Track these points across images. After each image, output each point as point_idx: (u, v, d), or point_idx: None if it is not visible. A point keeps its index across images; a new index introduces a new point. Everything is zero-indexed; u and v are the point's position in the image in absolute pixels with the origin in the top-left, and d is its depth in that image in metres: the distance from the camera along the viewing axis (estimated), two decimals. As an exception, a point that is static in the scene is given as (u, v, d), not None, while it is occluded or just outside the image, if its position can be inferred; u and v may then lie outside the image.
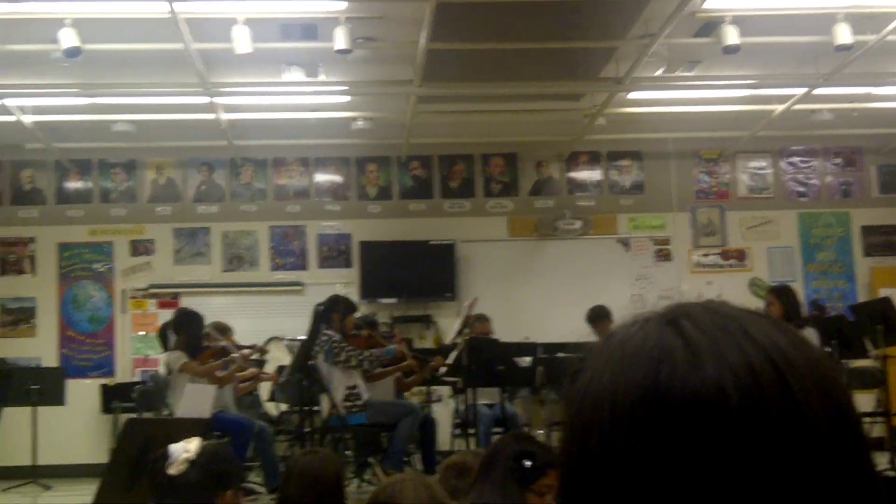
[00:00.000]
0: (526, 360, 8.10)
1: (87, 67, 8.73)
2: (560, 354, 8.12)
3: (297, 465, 3.83)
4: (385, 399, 8.25)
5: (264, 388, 9.57)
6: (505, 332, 9.00)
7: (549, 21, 8.12)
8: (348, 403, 7.80)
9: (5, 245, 11.57)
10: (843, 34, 7.84)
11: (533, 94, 10.16)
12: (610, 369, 0.78)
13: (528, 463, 3.31)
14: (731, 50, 7.99)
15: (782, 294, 7.84)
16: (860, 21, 7.94)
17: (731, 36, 7.89)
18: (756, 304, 11.29)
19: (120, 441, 5.93)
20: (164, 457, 3.39)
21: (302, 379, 8.04)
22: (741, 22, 7.99)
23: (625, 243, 11.90)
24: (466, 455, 4.42)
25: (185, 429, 5.11)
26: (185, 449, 3.39)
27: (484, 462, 3.57)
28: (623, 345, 0.79)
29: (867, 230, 12.09)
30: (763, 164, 12.26)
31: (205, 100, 9.69)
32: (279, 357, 9.70)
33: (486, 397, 8.58)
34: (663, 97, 10.41)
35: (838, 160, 12.29)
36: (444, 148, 11.90)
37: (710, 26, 8.34)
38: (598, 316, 9.06)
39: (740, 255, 12.03)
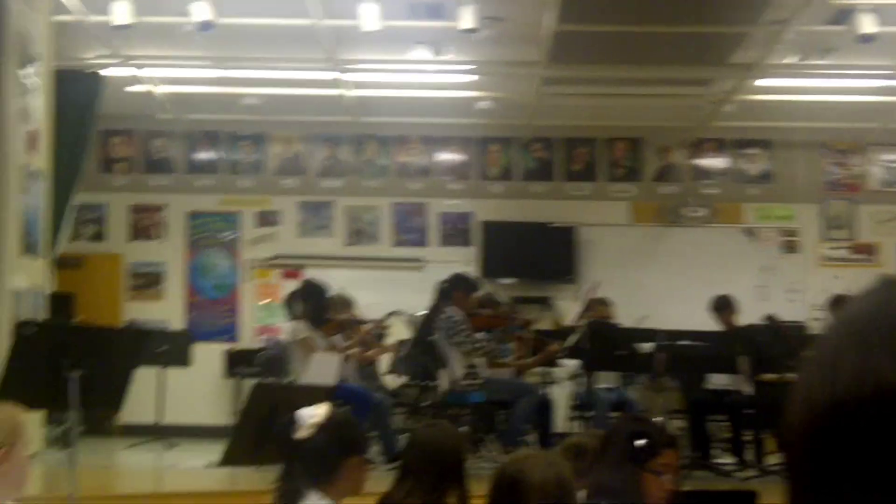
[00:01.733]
0: (647, 347, 8.04)
1: (218, 41, 8.93)
2: (681, 342, 8.02)
3: (420, 437, 3.88)
4: (504, 378, 8.29)
5: (384, 361, 9.69)
6: (625, 318, 8.93)
7: (678, 5, 8.03)
8: (467, 381, 7.86)
9: (137, 211, 11.94)
10: None
11: (660, 79, 10.04)
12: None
13: (641, 442, 3.33)
14: (867, 39, 7.78)
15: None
16: None
17: (867, 24, 7.69)
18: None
19: (248, 404, 6.08)
20: (292, 421, 3.47)
21: (421, 354, 8.12)
22: (878, 10, 7.76)
23: (750, 233, 11.69)
24: (584, 436, 4.44)
25: (310, 395, 5.21)
26: (314, 414, 3.47)
27: (602, 443, 3.60)
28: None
29: None
30: (896, 156, 11.89)
31: (332, 75, 9.83)
32: (399, 331, 9.82)
33: (605, 381, 8.55)
34: (794, 85, 10.19)
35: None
36: (568, 131, 11.85)
37: (845, 14, 8.12)
38: (722, 305, 8.91)
39: (870, 250, 11.70)
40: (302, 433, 3.41)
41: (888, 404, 0.69)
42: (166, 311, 11.64)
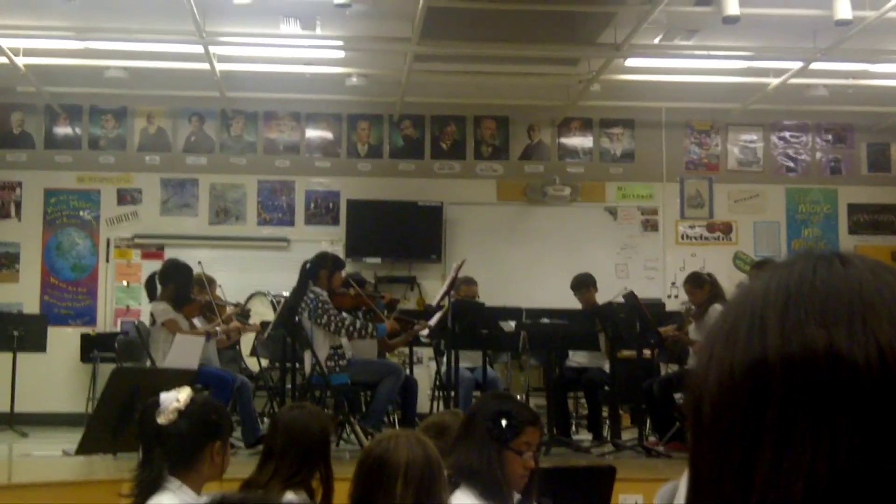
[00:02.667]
0: (510, 325, 8.12)
1: (82, 11, 8.64)
2: (544, 320, 8.14)
3: (284, 419, 3.84)
4: (367, 358, 8.26)
5: (246, 343, 9.57)
6: (490, 296, 9.00)
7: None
8: (331, 362, 7.81)
9: (-9, 188, 11.51)
10: (843, 9, 7.80)
11: (530, 57, 10.11)
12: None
13: (504, 422, 3.35)
14: (731, 20, 7.94)
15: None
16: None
17: (732, 6, 7.85)
18: (739, 277, 11.37)
19: (106, 389, 5.94)
20: (154, 405, 3.40)
21: (285, 335, 8.03)
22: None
23: (612, 212, 11.92)
24: (445, 415, 4.45)
25: (172, 379, 5.12)
26: (176, 398, 3.40)
27: (464, 422, 3.61)
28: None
29: (854, 208, 12.12)
30: (754, 137, 12.26)
31: (199, 49, 9.61)
32: (262, 312, 9.71)
33: (468, 360, 8.59)
34: (659, 65, 10.37)
35: (829, 137, 12.31)
36: (437, 108, 11.87)
37: (711, -6, 8.30)
38: (582, 283, 9.08)
39: (726, 229, 12.06)
40: (164, 418, 3.35)
41: (813, 365, 0.74)
42: (22, 293, 11.25)
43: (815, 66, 9.78)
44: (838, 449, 0.73)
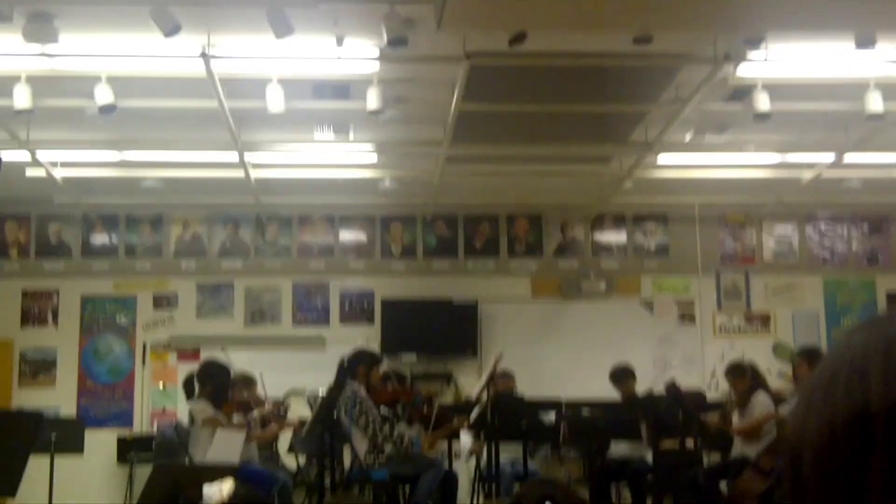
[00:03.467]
0: (550, 417, 8.05)
1: (119, 123, 8.81)
2: (584, 412, 8.07)
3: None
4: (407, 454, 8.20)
5: (283, 440, 9.53)
6: (528, 392, 8.96)
7: (581, 85, 8.17)
8: (371, 457, 7.75)
9: (30, 297, 11.64)
10: (875, 102, 7.86)
11: (561, 157, 10.21)
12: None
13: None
14: (762, 117, 7.99)
15: (812, 356, 7.81)
16: (892, 89, 7.96)
17: (763, 102, 7.90)
18: (778, 367, 11.25)
19: (148, 485, 5.90)
20: (198, 498, 3.39)
21: (323, 431, 7.99)
22: (773, 88, 8.01)
23: (649, 305, 11.89)
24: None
25: (213, 474, 5.09)
26: (219, 490, 3.39)
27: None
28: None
29: (893, 297, 12.05)
30: (789, 229, 12.27)
31: (234, 157, 9.76)
32: (299, 410, 9.68)
33: (507, 454, 8.51)
34: (691, 162, 10.42)
35: (865, 226, 12.30)
36: (470, 208, 11.97)
37: (742, 92, 8.35)
38: (621, 374, 9.03)
39: (764, 320, 11.99)
40: (208, 509, 3.33)
41: None
42: (58, 397, 11.30)
43: (848, 157, 9.80)
44: None
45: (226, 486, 3.41)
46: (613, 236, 12.19)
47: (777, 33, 7.07)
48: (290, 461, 9.61)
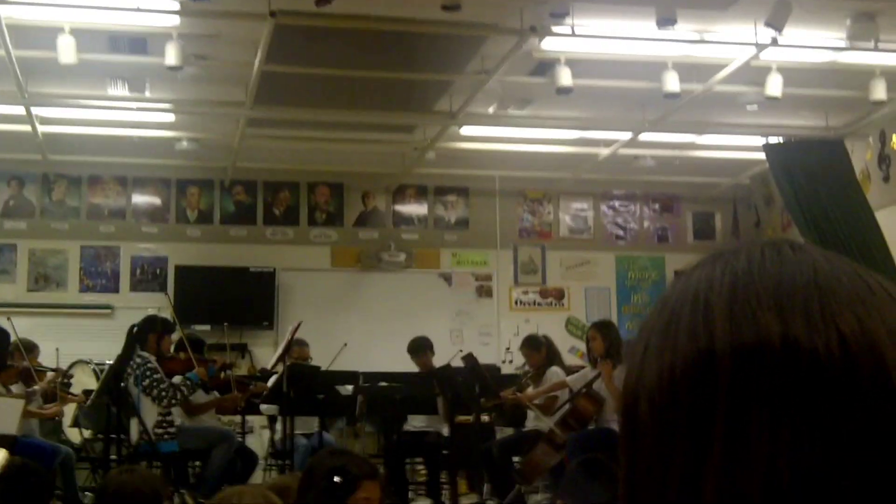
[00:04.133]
0: (347, 389, 7.97)
1: None
2: (381, 384, 8.02)
3: (113, 483, 3.61)
4: (198, 426, 7.96)
5: (67, 413, 9.08)
6: (325, 363, 8.80)
7: (387, 51, 8.09)
8: (160, 430, 7.47)
9: None
10: (672, 82, 8.08)
11: (365, 124, 10.10)
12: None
13: (337, 478, 3.24)
14: (564, 91, 8.10)
15: (605, 329, 7.98)
16: (688, 70, 8.21)
17: (565, 77, 8.01)
18: (572, 342, 11.53)
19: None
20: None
21: (110, 403, 7.65)
22: (575, 64, 8.13)
23: (447, 278, 11.95)
24: (286, 477, 4.30)
25: (-15, 445, 4.75)
26: (-9, 461, 3.15)
27: (300, 482, 3.48)
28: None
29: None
30: (584, 206, 12.56)
31: (21, 110, 9.21)
32: (85, 381, 9.25)
33: (303, 427, 8.38)
34: (493, 134, 10.51)
35: (656, 206, 12.72)
36: (271, 174, 11.70)
37: (545, 66, 8.46)
38: (419, 347, 9.03)
39: (559, 294, 12.25)
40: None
41: (768, 354, 0.68)
42: None
43: (643, 137, 10.08)
44: (800, 443, 0.66)
45: (-1, 458, 3.16)
46: (415, 208, 12.18)
47: (582, 7, 7.16)
48: (74, 435, 9.16)
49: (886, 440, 0.66)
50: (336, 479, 3.27)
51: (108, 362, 8.12)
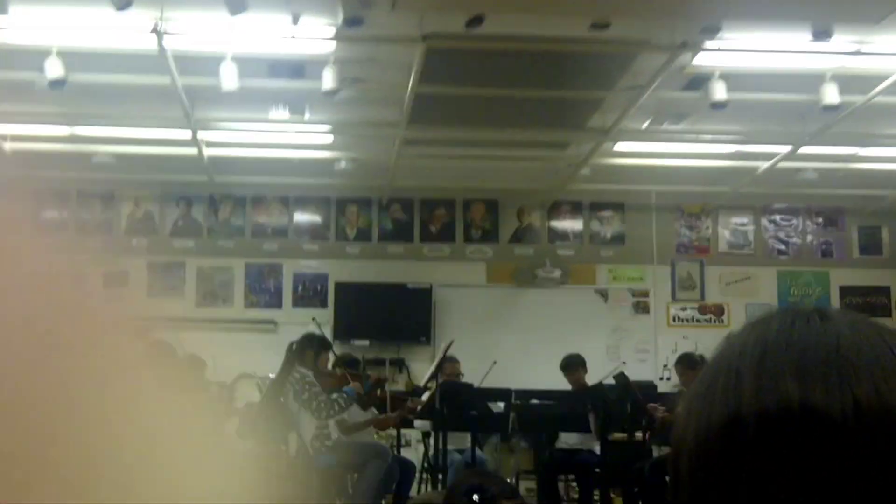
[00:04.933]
0: (499, 406, 8.00)
1: (71, 97, 8.62)
2: (533, 401, 8.02)
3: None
4: (360, 437, 8.13)
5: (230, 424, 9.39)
6: (479, 379, 8.85)
7: (538, 69, 8.10)
8: (317, 443, 7.66)
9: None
10: (831, 94, 7.84)
11: (519, 141, 10.13)
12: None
13: (476, 497, 3.25)
14: (719, 105, 7.97)
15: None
16: (848, 81, 7.95)
17: (719, 91, 7.88)
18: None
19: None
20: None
21: (270, 416, 7.89)
22: (730, 78, 7.98)
23: (603, 294, 11.86)
24: (431, 495, 4.33)
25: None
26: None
27: (444, 499, 3.51)
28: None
29: (845, 290, 12.10)
30: (744, 220, 12.27)
31: (187, 134, 9.61)
32: (248, 394, 9.55)
33: (456, 443, 8.45)
34: (648, 150, 10.40)
35: (820, 220, 12.33)
36: (426, 192, 11.86)
37: (699, 81, 8.32)
38: (571, 364, 8.98)
39: (718, 311, 11.99)
40: None
41: (788, 419, 0.73)
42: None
43: (804, 149, 9.80)
44: (815, 500, 0.71)
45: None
46: (570, 224, 12.14)
47: (734, 22, 7.04)
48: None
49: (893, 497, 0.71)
50: (475, 497, 3.29)
51: (270, 376, 8.37)
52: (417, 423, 8.81)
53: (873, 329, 0.78)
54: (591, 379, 8.75)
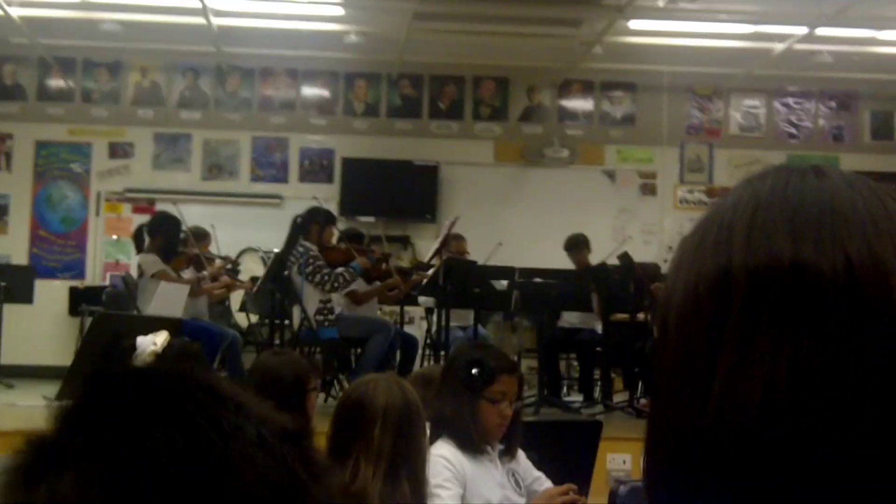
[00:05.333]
0: (502, 284, 8.01)
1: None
2: (537, 280, 8.02)
3: (260, 364, 3.76)
4: (364, 312, 8.17)
5: (235, 298, 9.46)
6: (484, 257, 8.85)
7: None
8: (320, 317, 7.71)
9: (-20, 139, 11.36)
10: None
11: (532, 17, 9.93)
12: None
13: (475, 371, 3.28)
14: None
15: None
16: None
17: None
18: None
19: (88, 334, 5.82)
20: (131, 349, 3.31)
21: (274, 290, 7.93)
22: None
23: (610, 175, 11.79)
24: (433, 367, 4.37)
25: (156, 326, 4.99)
26: (153, 342, 3.31)
27: (442, 372, 3.55)
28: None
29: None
30: (756, 102, 12.11)
31: (196, 2, 9.43)
32: (253, 269, 9.60)
33: (459, 320, 8.50)
34: (662, 28, 10.20)
35: (832, 104, 12.15)
36: (436, 68, 11.70)
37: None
38: (575, 244, 8.97)
39: (725, 194, 11.90)
40: (140, 362, 3.26)
41: (778, 275, 0.73)
42: (9, 245, 11.10)
43: (820, 31, 9.61)
44: (799, 357, 0.71)
45: (160, 338, 3.32)
46: (580, 103, 11.98)
47: None
48: (242, 319, 9.56)
49: (883, 353, 0.70)
50: (474, 371, 3.32)
51: (275, 250, 8.39)
52: (421, 299, 8.86)
53: (870, 187, 0.78)
54: (595, 259, 8.75)
